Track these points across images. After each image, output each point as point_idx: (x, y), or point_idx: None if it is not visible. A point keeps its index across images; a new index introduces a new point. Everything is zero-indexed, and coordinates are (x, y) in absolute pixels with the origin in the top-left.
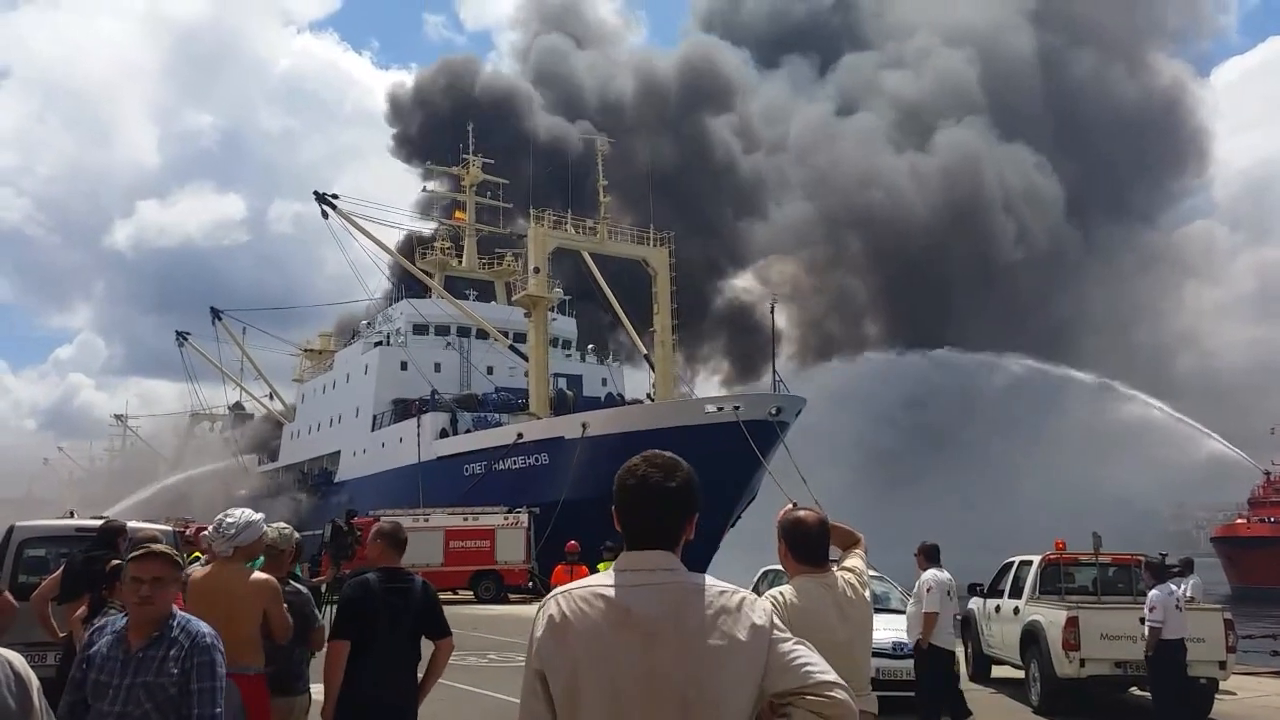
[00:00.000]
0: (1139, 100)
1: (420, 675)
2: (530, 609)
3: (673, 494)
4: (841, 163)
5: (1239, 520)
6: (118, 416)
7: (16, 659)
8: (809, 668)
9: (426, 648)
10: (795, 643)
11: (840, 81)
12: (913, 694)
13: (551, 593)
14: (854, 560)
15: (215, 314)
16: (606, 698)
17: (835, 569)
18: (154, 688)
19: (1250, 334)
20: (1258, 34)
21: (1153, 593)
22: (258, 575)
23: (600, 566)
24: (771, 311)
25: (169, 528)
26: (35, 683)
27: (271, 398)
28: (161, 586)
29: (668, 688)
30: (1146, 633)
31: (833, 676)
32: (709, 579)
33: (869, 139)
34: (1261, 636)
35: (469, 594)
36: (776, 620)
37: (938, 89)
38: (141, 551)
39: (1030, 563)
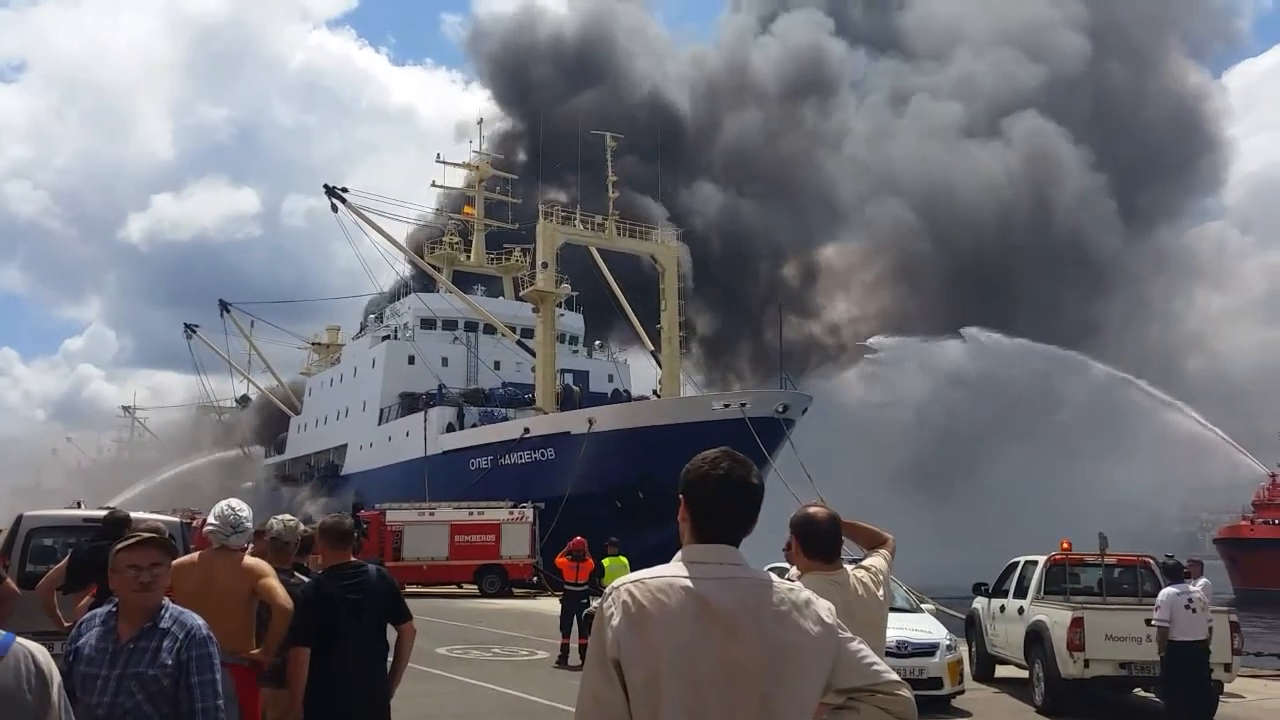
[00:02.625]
0: (1159, 103)
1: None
2: (534, 604)
3: (756, 491)
4: (909, 154)
5: (1243, 522)
6: (125, 408)
7: (40, 652)
8: (876, 666)
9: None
10: (860, 641)
11: (891, 74)
12: (917, 692)
13: (618, 581)
14: (875, 559)
15: (224, 306)
16: (687, 688)
17: (851, 567)
18: (146, 679)
19: (1261, 337)
20: (1271, 37)
21: (1163, 592)
22: (248, 560)
23: (605, 562)
24: (780, 310)
25: (175, 518)
26: (57, 678)
27: (278, 390)
28: (160, 573)
29: (748, 680)
30: (1155, 633)
31: (896, 676)
32: (772, 575)
33: (936, 131)
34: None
35: (474, 588)
36: (838, 619)
37: (996, 87)
38: (134, 539)
39: (1035, 563)
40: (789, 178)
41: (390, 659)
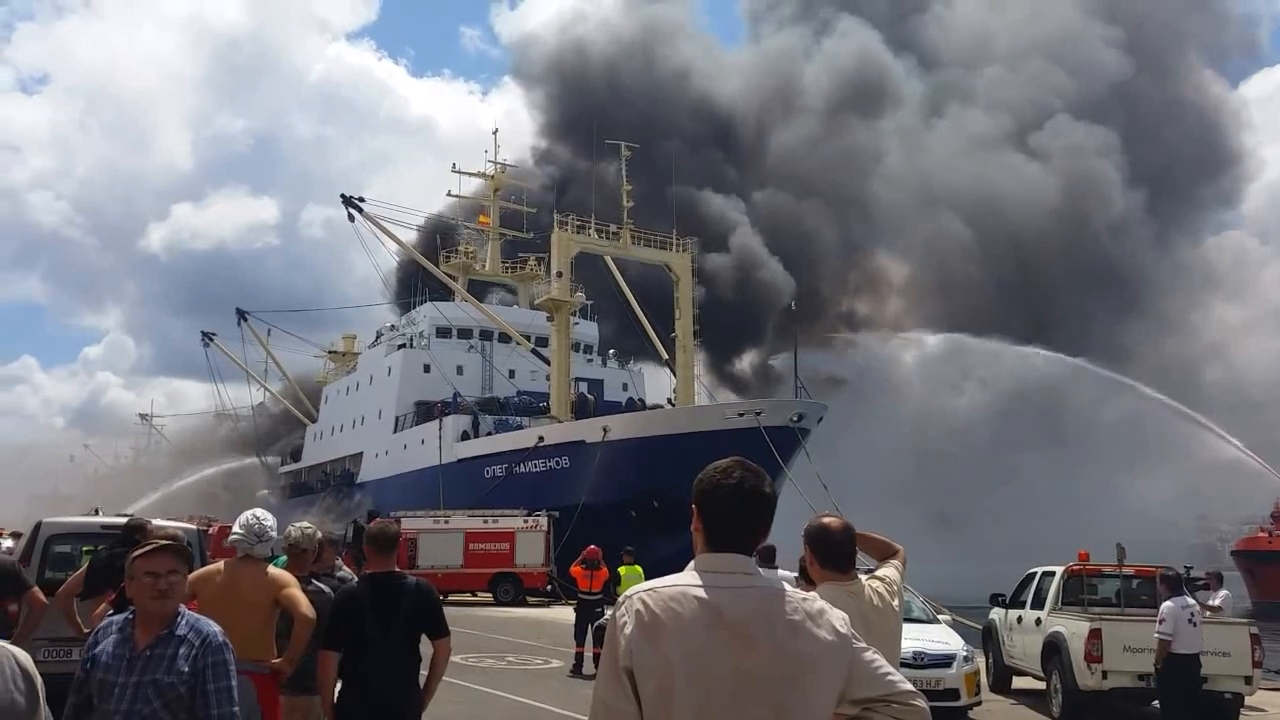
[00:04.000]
0: (1179, 115)
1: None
2: (548, 612)
3: (768, 500)
4: (946, 166)
5: (1260, 534)
6: (143, 415)
7: (22, 655)
8: (891, 676)
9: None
10: (874, 651)
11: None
12: (933, 703)
13: (631, 590)
14: (888, 570)
15: (241, 315)
16: (700, 698)
17: (865, 578)
18: (163, 686)
19: (1279, 346)
20: None
21: (1165, 604)
22: (272, 570)
23: (621, 570)
24: (791, 307)
25: (192, 526)
26: (39, 679)
27: (295, 398)
28: (176, 580)
29: (761, 690)
30: (1156, 645)
31: (911, 686)
32: (785, 584)
33: (973, 143)
34: None
35: (488, 596)
36: (852, 628)
37: (1028, 99)
38: (151, 547)
39: (1053, 574)
40: (836, 185)
41: (425, 672)
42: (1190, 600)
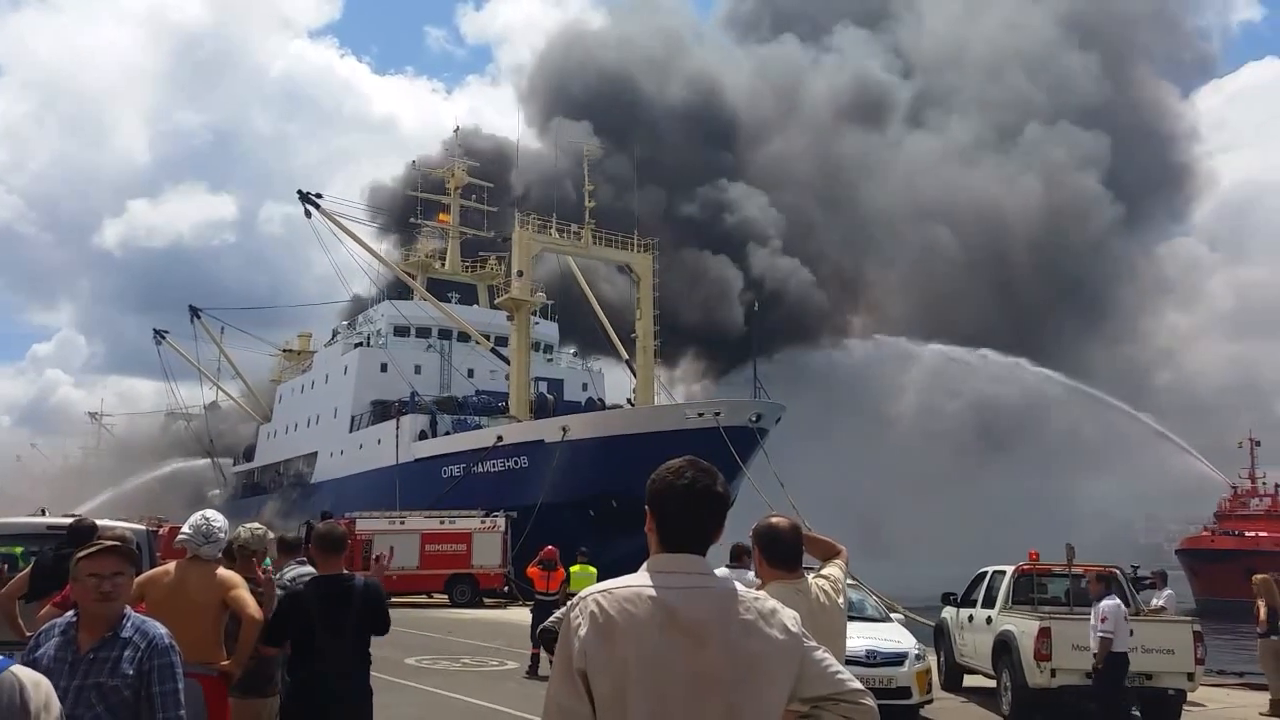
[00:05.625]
0: (1132, 125)
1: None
2: (505, 613)
3: (721, 499)
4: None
5: (1204, 533)
6: (93, 414)
7: (33, 686)
8: (840, 675)
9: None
10: (824, 650)
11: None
12: (885, 701)
13: (585, 592)
14: (831, 569)
15: (194, 312)
16: (654, 699)
17: (811, 576)
18: (106, 690)
19: (1227, 351)
20: (1238, 59)
21: (1106, 603)
22: (221, 571)
23: (573, 569)
24: (751, 314)
25: (142, 526)
26: (55, 709)
27: (248, 397)
28: (121, 581)
29: (714, 690)
30: (1096, 644)
31: (860, 685)
32: (737, 583)
33: (948, 152)
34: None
35: (444, 598)
36: (803, 627)
37: (1001, 107)
38: (95, 548)
39: (1003, 573)
40: (827, 192)
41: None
42: (1117, 599)
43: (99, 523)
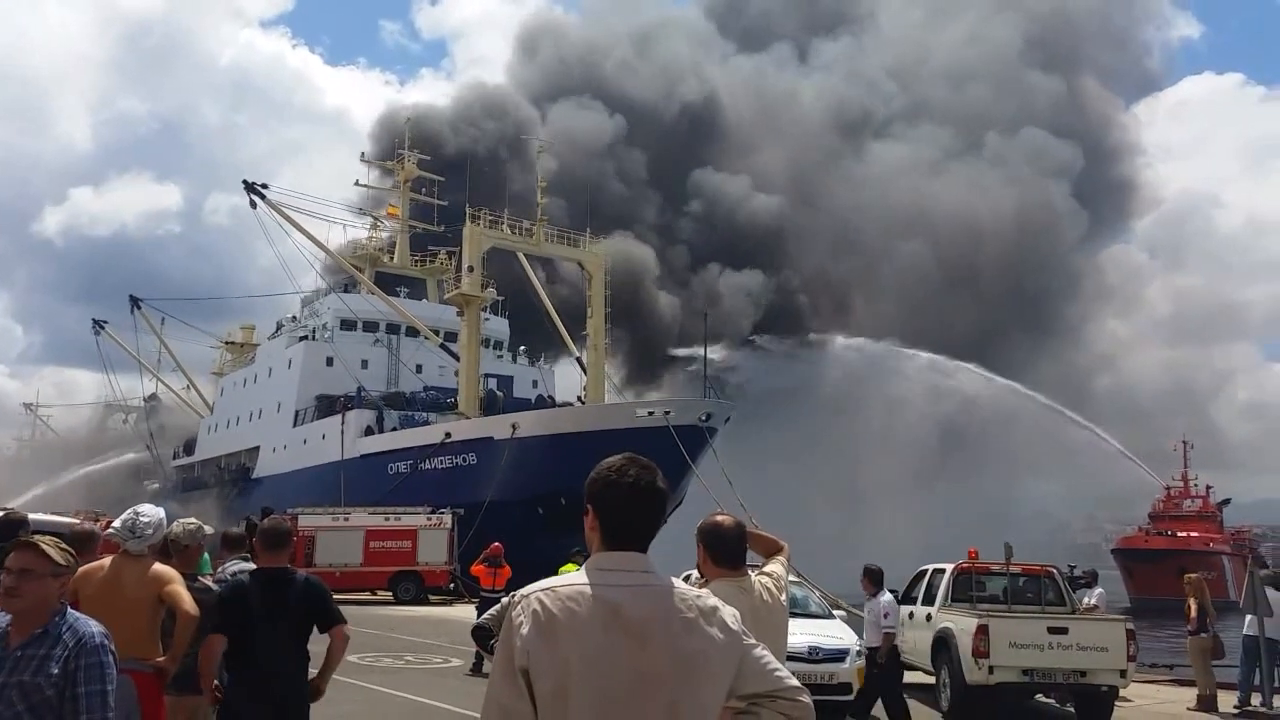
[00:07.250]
0: (1074, 137)
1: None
2: (450, 610)
3: (662, 495)
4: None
5: (1137, 533)
6: (27, 405)
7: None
8: (778, 673)
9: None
10: (763, 648)
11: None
12: (828, 697)
13: (526, 590)
14: (774, 566)
15: (134, 302)
16: (596, 698)
17: (755, 574)
18: (29, 688)
19: (1164, 356)
20: (1178, 72)
21: (885, 599)
22: (156, 566)
23: (569, 569)
24: (705, 319)
25: (75, 520)
26: None
27: (189, 390)
28: (28, 579)
29: (656, 688)
30: (882, 639)
31: (797, 682)
32: (677, 581)
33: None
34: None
35: (388, 595)
36: (744, 624)
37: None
38: (15, 543)
39: (943, 571)
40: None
41: (313, 667)
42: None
43: (32, 516)
